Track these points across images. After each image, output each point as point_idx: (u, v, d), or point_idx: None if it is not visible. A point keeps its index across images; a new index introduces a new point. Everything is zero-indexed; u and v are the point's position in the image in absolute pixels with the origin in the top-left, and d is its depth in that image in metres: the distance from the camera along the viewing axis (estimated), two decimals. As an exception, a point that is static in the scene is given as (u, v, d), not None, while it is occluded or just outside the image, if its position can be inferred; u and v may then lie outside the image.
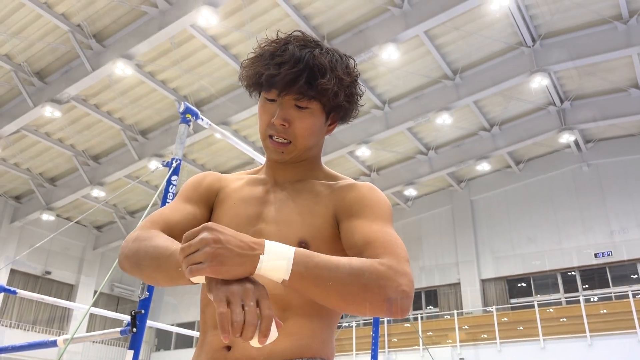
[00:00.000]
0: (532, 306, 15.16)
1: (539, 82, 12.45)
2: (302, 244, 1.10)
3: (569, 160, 16.89)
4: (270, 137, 1.18)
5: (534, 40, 12.23)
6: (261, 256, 0.88)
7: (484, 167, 16.46)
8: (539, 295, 16.82)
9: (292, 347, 1.06)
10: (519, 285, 17.57)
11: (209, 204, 1.26)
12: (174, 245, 1.00)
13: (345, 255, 1.10)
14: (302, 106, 1.14)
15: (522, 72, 12.39)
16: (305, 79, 1.10)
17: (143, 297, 2.61)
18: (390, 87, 13.85)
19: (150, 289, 2.61)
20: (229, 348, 1.04)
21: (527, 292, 17.27)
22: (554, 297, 16.56)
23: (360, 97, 1.25)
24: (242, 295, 0.84)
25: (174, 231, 1.14)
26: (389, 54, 11.77)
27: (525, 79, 12.58)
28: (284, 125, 1.14)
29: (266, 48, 1.15)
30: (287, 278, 0.89)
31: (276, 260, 0.89)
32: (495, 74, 12.76)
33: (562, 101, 14.33)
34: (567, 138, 14.83)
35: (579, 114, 14.37)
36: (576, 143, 16.02)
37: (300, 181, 1.25)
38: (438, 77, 13.39)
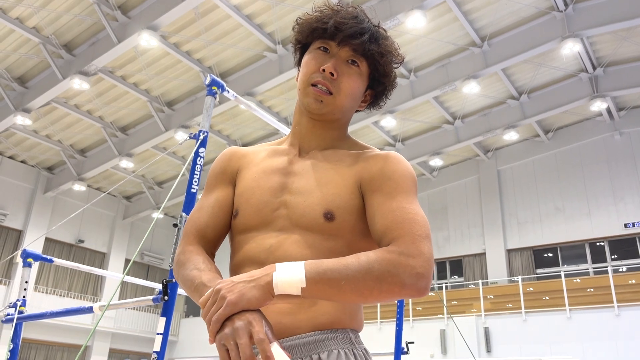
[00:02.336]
0: (559, 276, 15.06)
1: (571, 48, 12.06)
2: (328, 215, 1.12)
3: (601, 129, 16.48)
4: (314, 85, 1.18)
5: (566, 5, 11.81)
6: (274, 274, 0.94)
7: (511, 136, 16.17)
8: (565, 266, 16.69)
9: (321, 320, 1.09)
10: (546, 255, 17.44)
11: (234, 183, 1.28)
12: (198, 277, 1.07)
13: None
14: (355, 62, 1.19)
15: (553, 38, 12.01)
16: (369, 37, 1.17)
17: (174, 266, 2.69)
18: (416, 55, 13.61)
19: (180, 259, 2.68)
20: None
21: (553, 263, 17.14)
22: (581, 267, 16.41)
23: (395, 87, 1.31)
24: (234, 336, 0.89)
25: (207, 234, 1.21)
26: (415, 21, 11.53)
27: (556, 45, 12.21)
28: (332, 74, 1.16)
29: (325, 11, 1.20)
30: (305, 286, 0.94)
31: (289, 274, 0.94)
32: (525, 41, 12.40)
33: (594, 68, 13.90)
34: (598, 106, 14.42)
35: (612, 80, 13.94)
36: (608, 111, 15.59)
37: (325, 150, 1.25)
38: (465, 44, 13.10)
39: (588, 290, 14.41)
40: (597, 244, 16.25)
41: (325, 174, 1.18)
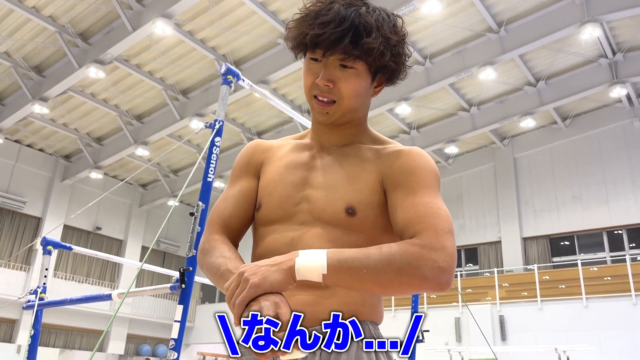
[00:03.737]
0: (575, 265, 14.93)
1: (590, 33, 11.83)
2: (349, 209, 1.12)
3: (620, 116, 16.19)
4: (315, 97, 1.17)
5: (585, -11, 11.57)
6: (296, 259, 0.96)
7: (528, 123, 15.97)
8: (582, 254, 16.53)
9: (342, 311, 1.08)
10: (562, 243, 17.29)
11: (258, 175, 1.29)
12: (224, 264, 1.08)
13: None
14: (347, 66, 1.13)
15: (571, 23, 11.77)
16: (351, 38, 1.08)
17: (190, 254, 2.71)
18: (431, 42, 13.46)
19: (197, 247, 2.70)
20: None
21: (570, 251, 16.99)
22: (598, 255, 16.25)
23: (408, 57, 1.22)
24: (260, 313, 0.89)
25: (232, 225, 1.22)
26: (431, 7, 11.39)
27: (575, 30, 11.97)
28: (328, 85, 1.14)
29: (311, 8, 1.14)
30: (325, 273, 0.94)
31: (311, 260, 0.96)
32: (543, 26, 12.18)
33: (614, 53, 13.62)
34: (618, 92, 14.15)
35: (633, 66, 13.65)
36: (628, 97, 15.29)
37: (347, 145, 1.24)
38: (482, 30, 12.91)
39: (605, 278, 14.27)
40: (615, 232, 16.06)
41: (346, 169, 1.18)
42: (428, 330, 4.52)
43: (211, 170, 2.89)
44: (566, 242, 17.22)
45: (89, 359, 2.61)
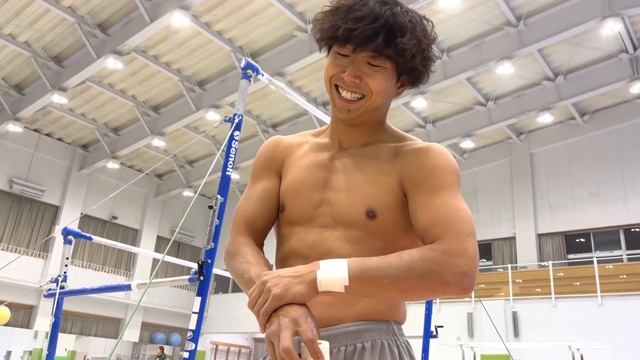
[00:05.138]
0: (591, 262, 14.80)
1: (611, 27, 11.64)
2: (370, 212, 1.12)
3: (640, 112, 15.97)
4: (337, 87, 1.15)
5: (608, -18, 11.38)
6: (318, 272, 0.96)
7: (545, 118, 15.80)
8: (598, 252, 16.37)
9: (365, 311, 1.11)
10: (578, 240, 17.13)
11: (279, 173, 1.29)
12: (247, 271, 1.09)
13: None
14: (375, 64, 1.11)
15: (592, 17, 11.60)
16: (384, 37, 1.06)
17: (209, 247, 2.75)
18: (449, 35, 13.35)
19: (215, 240, 2.74)
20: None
21: (586, 248, 16.83)
22: (615, 253, 16.08)
23: (434, 62, 1.20)
24: (279, 332, 0.90)
25: (256, 225, 1.23)
26: (449, 0, 11.29)
27: (595, 25, 11.80)
28: (355, 81, 1.12)
29: (344, 2, 1.12)
30: (347, 284, 0.95)
31: (333, 272, 0.96)
32: (562, 20, 12.01)
33: (635, 48, 13.40)
34: (639, 88, 13.93)
35: (654, 62, 13.44)
36: (649, 93, 15.06)
37: (366, 145, 1.23)
38: (500, 23, 12.77)
39: (621, 276, 14.12)
40: (633, 230, 15.86)
41: (366, 171, 1.17)
42: (442, 326, 4.53)
43: (230, 164, 2.92)
44: (582, 239, 17.05)
45: (113, 348, 2.67)
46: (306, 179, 1.21)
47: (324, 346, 0.90)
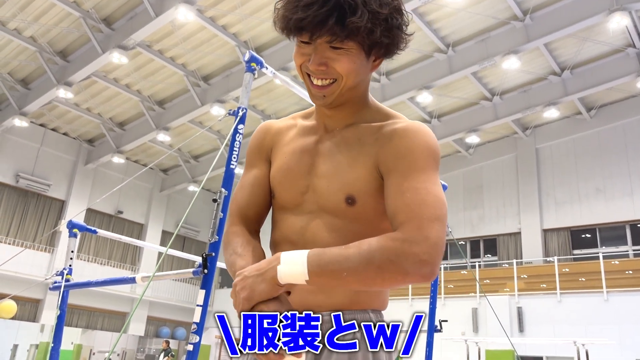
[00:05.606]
0: (596, 257, 14.75)
1: (618, 21, 11.54)
2: (349, 199, 1.13)
3: (647, 107, 15.86)
4: (309, 75, 1.14)
5: (615, -24, 11.28)
6: (278, 267, 0.99)
7: (552, 113, 15.72)
8: (604, 247, 16.31)
9: (343, 300, 1.13)
10: (583, 236, 17.07)
11: (269, 159, 1.31)
12: (234, 263, 1.13)
13: None
14: (337, 47, 1.08)
15: (599, 12, 11.50)
16: (336, 19, 1.02)
17: (213, 240, 2.75)
18: (454, 30, 13.28)
19: (219, 233, 2.74)
20: (288, 293, 1.08)
21: (591, 244, 16.77)
22: (621, 249, 16.02)
23: (406, 26, 1.14)
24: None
25: (249, 213, 1.26)
26: (455, -6, 11.23)
27: (602, 19, 11.70)
28: (321, 69, 1.10)
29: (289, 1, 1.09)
30: (307, 279, 0.97)
31: (292, 267, 0.99)
32: (569, 14, 11.92)
33: (643, 42, 13.30)
34: (646, 83, 13.85)
35: (662, 56, 13.33)
36: (656, 88, 14.95)
37: (350, 126, 1.21)
38: (506, 18, 12.69)
39: (627, 272, 14.07)
40: (639, 225, 15.80)
41: (347, 155, 1.17)
42: (446, 320, 4.53)
43: (234, 158, 2.92)
44: (587, 235, 16.99)
45: (116, 341, 2.68)
46: (293, 165, 1.23)
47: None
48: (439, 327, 4.61)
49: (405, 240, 0.96)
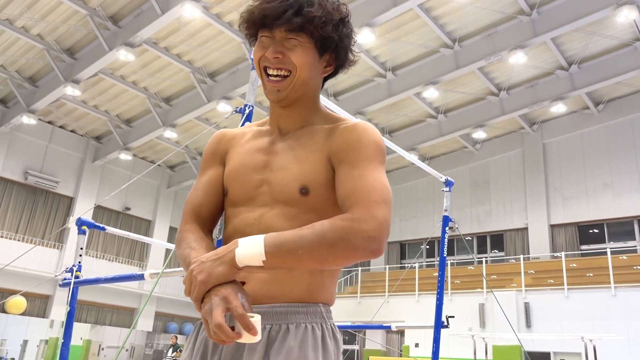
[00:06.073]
0: (604, 253, 14.68)
1: (626, 15, 11.47)
2: (303, 189, 1.19)
3: (656, 101, 15.75)
4: (265, 70, 1.23)
5: (623, -31, 11.19)
6: (236, 250, 1.02)
7: (559, 108, 15.64)
8: (612, 242, 16.24)
9: (296, 292, 1.18)
10: (591, 231, 17.01)
11: (223, 162, 1.37)
12: (189, 256, 1.16)
13: None
14: (292, 37, 1.20)
15: (607, 5, 11.42)
16: (295, 11, 1.17)
17: (220, 237, 2.77)
18: (461, 25, 13.23)
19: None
20: (242, 283, 1.13)
21: (599, 239, 16.71)
22: (629, 244, 15.94)
23: (354, 42, 1.29)
24: (209, 314, 0.97)
25: (202, 213, 1.30)
26: (461, -11, 11.18)
27: (610, 13, 11.63)
28: (277, 57, 1.20)
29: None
30: (265, 259, 1.01)
31: (249, 249, 1.02)
32: (577, 8, 11.85)
33: (651, 36, 13.20)
34: (654, 77, 13.75)
35: (671, 50, 13.22)
36: (665, 82, 14.84)
37: (302, 128, 1.29)
38: (513, 12, 12.63)
39: (635, 267, 14.01)
40: (647, 220, 15.72)
41: (300, 151, 1.25)
42: (453, 316, 4.54)
43: (241, 155, 2.93)
44: (595, 230, 16.92)
45: (127, 337, 2.72)
46: (247, 163, 1.29)
47: (256, 319, 0.96)
48: (445, 323, 4.62)
49: (355, 220, 1.04)
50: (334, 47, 1.25)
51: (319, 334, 1.15)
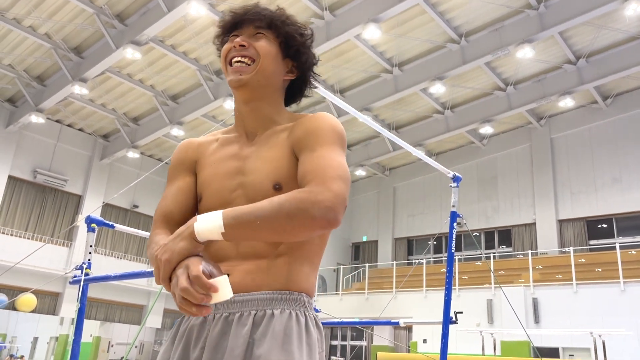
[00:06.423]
0: (613, 248, 14.60)
1: (634, 8, 11.37)
2: (276, 185, 1.23)
3: (665, 95, 15.62)
4: (231, 63, 1.32)
5: (632, -38, 11.08)
6: (195, 224, 1.06)
7: (567, 103, 15.54)
8: (621, 237, 16.14)
9: (280, 281, 1.20)
10: (600, 226, 16.91)
11: (193, 171, 1.40)
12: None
13: None
14: (260, 32, 1.33)
15: (616, -2, 11.34)
16: (261, 13, 1.34)
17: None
18: (467, 19, 13.17)
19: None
20: (227, 275, 1.18)
21: (608, 234, 16.61)
22: (638, 239, 15.84)
23: (315, 62, 1.41)
24: (177, 285, 0.99)
25: (173, 219, 1.33)
26: (468, -16, 11.12)
27: (618, 6, 11.52)
28: (243, 45, 1.31)
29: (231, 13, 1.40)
30: (223, 231, 1.04)
31: (208, 222, 1.06)
32: (584, 1, 11.74)
33: (660, 29, 13.08)
34: (664, 70, 13.62)
35: (680, 43, 13.10)
36: (674, 75, 14.70)
37: (267, 129, 1.35)
38: (520, 6, 12.55)
39: (644, 262, 13.92)
40: (656, 215, 15.62)
41: (269, 151, 1.30)
42: (461, 312, 4.54)
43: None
44: (604, 225, 16.83)
45: (137, 334, 2.74)
46: (220, 170, 1.33)
47: (220, 279, 0.98)
48: (454, 319, 4.62)
49: (312, 192, 1.09)
50: (295, 52, 1.36)
51: (302, 320, 1.18)
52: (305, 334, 1.17)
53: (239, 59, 1.31)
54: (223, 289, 0.98)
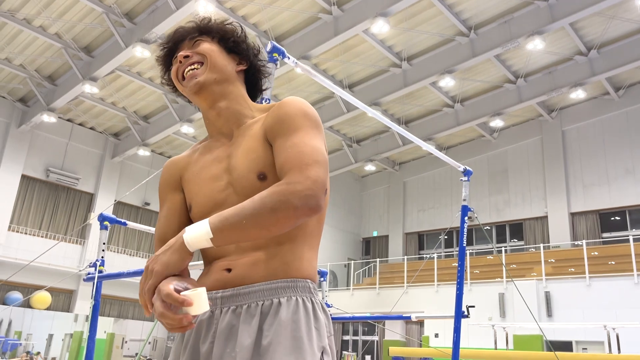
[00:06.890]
0: (626, 240, 14.47)
1: (647, -2, 11.23)
2: (261, 175, 1.25)
3: (678, 85, 15.41)
4: (184, 77, 1.36)
5: (643, -50, 10.94)
6: (184, 235, 1.10)
7: (578, 94, 15.39)
8: (634, 230, 15.99)
9: (283, 269, 1.21)
10: (613, 219, 16.76)
11: (180, 188, 1.42)
12: None
13: None
14: (197, 39, 1.39)
15: (627, -12, 11.21)
16: (188, 27, 1.41)
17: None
18: (476, 12, 13.07)
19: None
20: (229, 270, 1.22)
21: (621, 226, 16.47)
22: (651, 231, 15.69)
23: (257, 51, 1.45)
24: (156, 312, 1.04)
25: (168, 239, 1.33)
26: (476, -24, 11.03)
27: (630, -4, 11.39)
28: (187, 55, 1.35)
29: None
30: (212, 236, 1.08)
31: (196, 231, 1.09)
32: (595, -8, 11.63)
33: (673, 18, 12.90)
34: (677, 60, 13.44)
35: (694, 32, 12.91)
36: (688, 65, 14.49)
37: (241, 125, 1.37)
38: (530, -2, 12.44)
39: (658, 255, 13.77)
40: (670, 207, 15.45)
41: (247, 145, 1.31)
42: (473, 306, 4.53)
43: (258, 149, 2.95)
44: (617, 218, 16.68)
45: (151, 330, 2.77)
46: (205, 175, 1.35)
47: (194, 292, 1.00)
48: (466, 313, 4.61)
49: (290, 183, 1.11)
50: (234, 44, 1.40)
51: (309, 306, 1.19)
52: (313, 320, 1.18)
53: (189, 67, 1.35)
54: (198, 301, 1.00)
